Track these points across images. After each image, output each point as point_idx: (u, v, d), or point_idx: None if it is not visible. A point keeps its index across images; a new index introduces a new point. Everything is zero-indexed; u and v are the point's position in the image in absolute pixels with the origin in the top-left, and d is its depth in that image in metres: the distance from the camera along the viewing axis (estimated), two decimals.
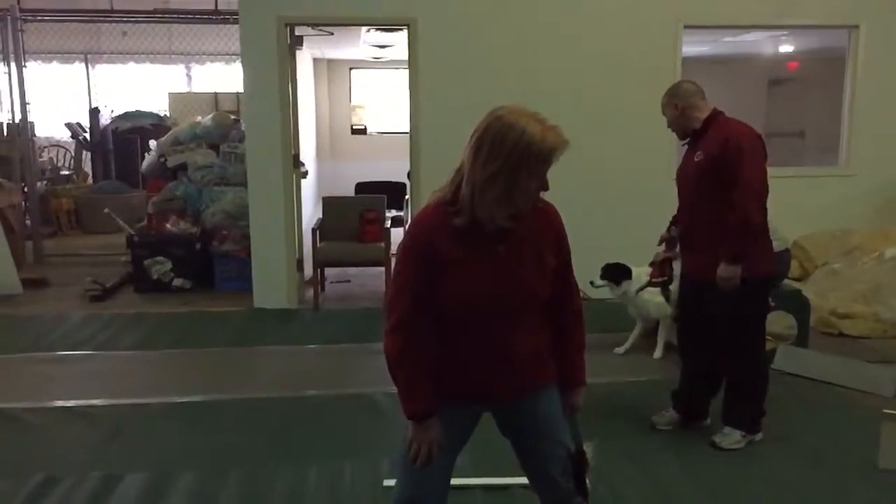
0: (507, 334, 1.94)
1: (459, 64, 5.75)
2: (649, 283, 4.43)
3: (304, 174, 6.65)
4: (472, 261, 1.89)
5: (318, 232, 6.15)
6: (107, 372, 4.69)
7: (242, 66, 5.77)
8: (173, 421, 3.92)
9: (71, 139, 10.81)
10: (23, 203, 7.98)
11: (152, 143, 8.63)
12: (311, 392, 4.24)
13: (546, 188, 1.88)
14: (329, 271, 6.57)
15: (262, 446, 3.58)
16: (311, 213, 8.25)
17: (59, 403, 4.10)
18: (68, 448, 3.60)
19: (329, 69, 11.62)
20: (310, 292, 6.12)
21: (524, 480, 2.24)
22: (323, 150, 11.29)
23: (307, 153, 7.85)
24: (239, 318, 5.74)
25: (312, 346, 5.13)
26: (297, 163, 6.09)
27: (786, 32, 7.58)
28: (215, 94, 10.56)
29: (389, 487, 2.99)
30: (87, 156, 10.83)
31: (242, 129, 6.69)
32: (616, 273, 4.66)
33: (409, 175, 6.21)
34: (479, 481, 3.07)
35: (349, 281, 6.78)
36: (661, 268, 4.12)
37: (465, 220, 1.86)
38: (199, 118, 7.45)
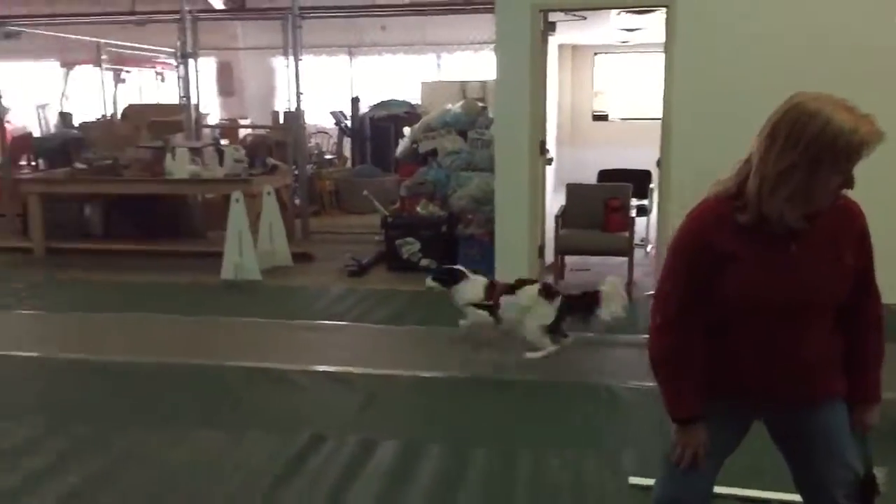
0: (795, 338, 1.78)
1: (720, 48, 5.36)
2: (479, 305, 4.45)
3: (550, 161, 6.66)
4: (758, 260, 1.74)
5: (560, 219, 6.13)
6: (361, 342, 5.07)
7: (496, 53, 5.87)
8: (421, 394, 4.14)
9: (334, 126, 11.76)
10: (292, 184, 8.81)
11: (405, 130, 9.11)
12: (551, 379, 4.24)
13: (850, 186, 1.67)
14: (569, 259, 6.53)
15: (504, 427, 3.66)
16: (549, 198, 8.24)
17: (322, 368, 4.47)
18: (330, 409, 3.93)
19: (573, 55, 11.55)
20: (549, 279, 6.14)
21: (785, 496, 2.06)
22: (563, 137, 11.26)
23: (549, 139, 7.85)
24: None
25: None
26: (543, 150, 6.12)
27: None
28: (462, 82, 10.93)
29: (636, 486, 2.94)
30: (346, 142, 11.74)
31: (490, 116, 6.85)
32: (449, 274, 4.68)
33: (658, 163, 5.98)
34: (735, 491, 2.88)
35: (589, 269, 6.69)
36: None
37: (750, 217, 1.72)
38: (449, 105, 7.73)
